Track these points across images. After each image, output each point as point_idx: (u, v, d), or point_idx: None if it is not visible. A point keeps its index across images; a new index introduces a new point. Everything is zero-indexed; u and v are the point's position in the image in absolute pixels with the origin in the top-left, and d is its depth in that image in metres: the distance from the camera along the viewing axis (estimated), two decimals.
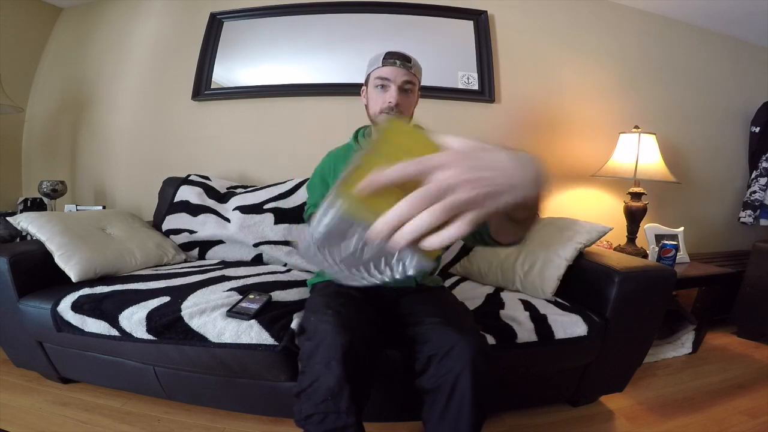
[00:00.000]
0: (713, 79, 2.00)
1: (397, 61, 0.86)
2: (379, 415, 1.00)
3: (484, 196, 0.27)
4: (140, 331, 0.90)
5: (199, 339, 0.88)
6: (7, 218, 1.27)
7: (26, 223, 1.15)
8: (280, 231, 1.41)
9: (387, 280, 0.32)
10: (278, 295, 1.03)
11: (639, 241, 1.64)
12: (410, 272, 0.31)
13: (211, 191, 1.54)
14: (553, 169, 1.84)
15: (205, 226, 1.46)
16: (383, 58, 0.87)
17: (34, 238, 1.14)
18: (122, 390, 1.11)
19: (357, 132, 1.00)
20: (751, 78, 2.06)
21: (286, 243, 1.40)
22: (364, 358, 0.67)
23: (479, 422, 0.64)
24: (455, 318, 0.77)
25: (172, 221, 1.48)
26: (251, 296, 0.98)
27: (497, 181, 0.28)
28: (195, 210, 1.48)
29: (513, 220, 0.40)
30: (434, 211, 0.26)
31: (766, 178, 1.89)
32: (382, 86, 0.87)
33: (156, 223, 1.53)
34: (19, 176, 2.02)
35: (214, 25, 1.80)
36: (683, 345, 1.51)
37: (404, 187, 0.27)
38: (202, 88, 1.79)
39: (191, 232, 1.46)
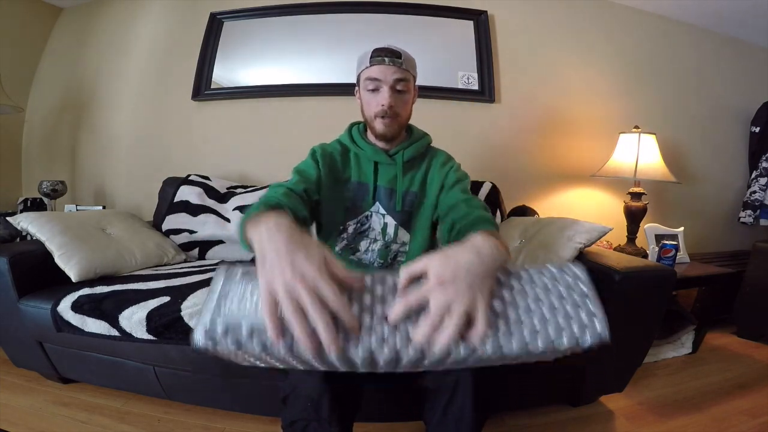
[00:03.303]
0: (713, 79, 2.00)
1: (386, 59, 0.79)
2: (379, 415, 1.00)
3: (468, 301, 0.41)
4: (140, 331, 0.90)
5: None
6: (7, 218, 1.27)
7: (26, 223, 1.15)
8: None
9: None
10: None
11: (639, 241, 1.63)
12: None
13: (211, 191, 1.54)
14: (554, 169, 1.86)
15: (205, 226, 1.46)
16: (370, 57, 0.81)
17: (34, 238, 1.14)
18: (122, 390, 1.11)
19: (351, 128, 0.93)
20: (751, 78, 2.06)
21: None
22: None
23: (481, 422, 0.64)
24: None
25: (172, 221, 1.48)
26: None
27: (473, 284, 0.43)
28: (195, 210, 1.48)
29: None
30: (456, 323, 0.40)
31: (766, 178, 1.89)
32: (374, 88, 0.81)
33: (156, 223, 1.52)
34: (19, 176, 2.02)
35: (214, 25, 1.80)
36: (683, 345, 1.51)
37: None
38: (202, 88, 1.79)
39: (191, 232, 1.46)
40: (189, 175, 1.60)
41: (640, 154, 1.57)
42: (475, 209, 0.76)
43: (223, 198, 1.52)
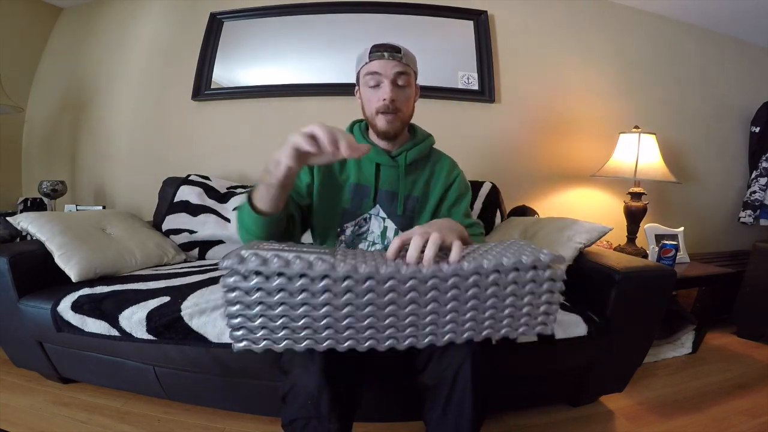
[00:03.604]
0: (713, 79, 2.00)
1: (385, 53, 0.79)
2: (379, 415, 1.00)
3: (442, 234, 0.55)
4: (140, 331, 0.90)
5: (199, 339, 0.88)
6: (7, 218, 1.27)
7: (26, 223, 1.15)
8: None
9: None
10: None
11: (639, 241, 1.64)
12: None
13: (211, 191, 1.54)
14: (554, 169, 1.86)
15: (205, 226, 1.46)
16: (370, 52, 0.81)
17: (34, 238, 1.13)
18: (122, 390, 1.11)
19: (352, 126, 0.93)
20: (751, 78, 2.06)
21: None
22: (347, 359, 0.62)
23: (480, 417, 0.64)
24: None
25: (172, 221, 1.48)
26: None
27: (442, 229, 0.57)
28: (195, 210, 1.48)
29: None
30: (434, 241, 0.53)
31: (766, 178, 1.89)
32: (375, 84, 0.81)
33: (156, 223, 1.52)
34: (19, 176, 2.02)
35: (214, 25, 1.80)
36: (683, 345, 1.51)
37: None
38: (202, 88, 1.79)
39: (191, 232, 1.46)
40: (189, 175, 1.60)
41: (640, 154, 1.57)
42: (473, 237, 0.81)
43: (223, 198, 1.52)
